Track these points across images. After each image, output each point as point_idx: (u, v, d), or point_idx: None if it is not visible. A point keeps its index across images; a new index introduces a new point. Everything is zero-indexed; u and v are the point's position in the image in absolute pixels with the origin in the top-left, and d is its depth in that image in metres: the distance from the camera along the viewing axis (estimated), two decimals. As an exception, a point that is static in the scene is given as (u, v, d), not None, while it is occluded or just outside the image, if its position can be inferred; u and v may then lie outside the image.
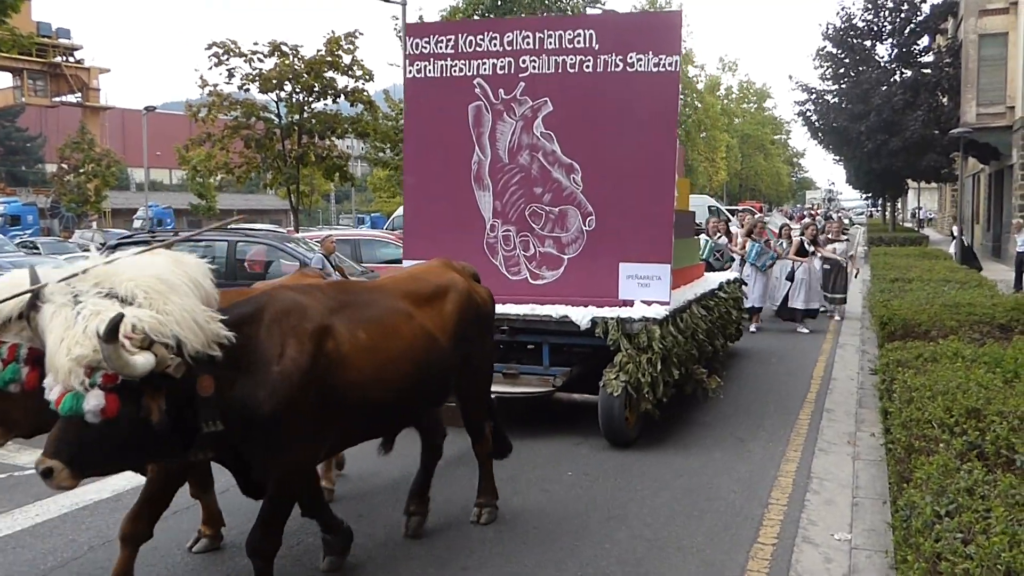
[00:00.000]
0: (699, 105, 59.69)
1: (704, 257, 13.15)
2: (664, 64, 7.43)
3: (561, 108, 7.71)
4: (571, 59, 7.65)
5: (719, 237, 14.63)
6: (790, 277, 14.21)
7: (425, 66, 8.09)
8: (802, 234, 14.93)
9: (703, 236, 14.16)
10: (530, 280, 7.89)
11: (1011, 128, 25.29)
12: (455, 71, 7.99)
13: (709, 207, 35.77)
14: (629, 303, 7.42)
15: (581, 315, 7.18)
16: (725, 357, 10.61)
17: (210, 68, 28.06)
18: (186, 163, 36.80)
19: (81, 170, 46.57)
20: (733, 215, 27.52)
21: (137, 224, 44.94)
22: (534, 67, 7.75)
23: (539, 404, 7.84)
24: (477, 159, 7.96)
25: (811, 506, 5.74)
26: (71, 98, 60.65)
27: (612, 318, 7.08)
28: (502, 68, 7.83)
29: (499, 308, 7.23)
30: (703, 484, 6.23)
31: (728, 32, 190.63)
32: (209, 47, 27.19)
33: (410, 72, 8.22)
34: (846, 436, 7.45)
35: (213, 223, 51.83)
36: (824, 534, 5.24)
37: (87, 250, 24.17)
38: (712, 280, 10.56)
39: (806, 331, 13.85)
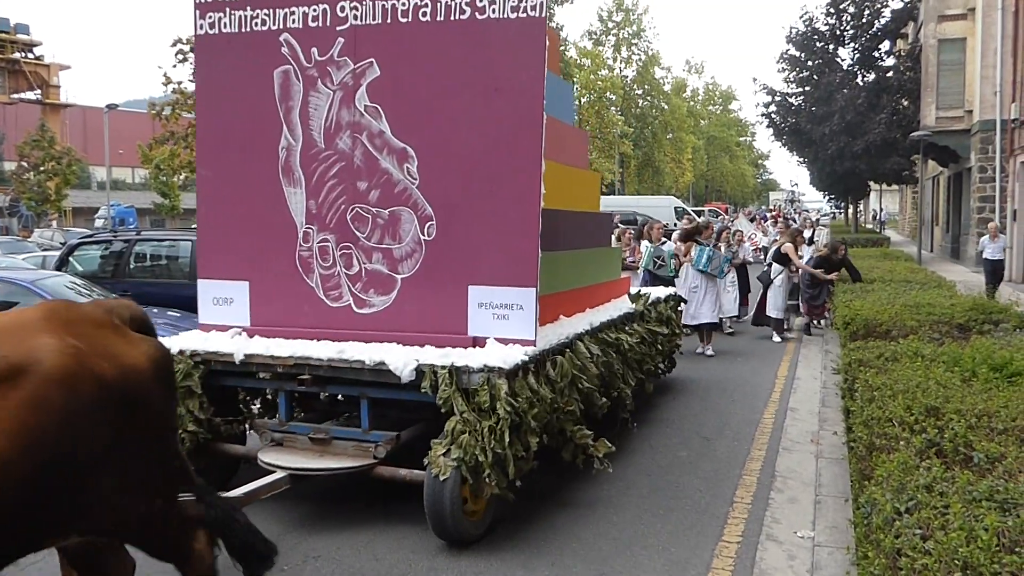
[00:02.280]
0: (665, 107, 60.17)
1: (644, 266, 12.05)
2: (525, 7, 5.51)
3: (391, 72, 5.85)
4: (402, 4, 5.81)
5: (663, 243, 12.58)
6: (795, 292, 13.10)
7: (220, 19, 6.22)
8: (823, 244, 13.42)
9: (645, 242, 12.67)
10: (355, 308, 5.98)
11: (969, 131, 25.77)
12: (256, 24, 6.14)
13: (676, 208, 36.09)
14: (481, 342, 5.58)
15: (403, 361, 5.24)
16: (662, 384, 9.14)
17: (174, 66, 27.74)
18: (149, 162, 36.25)
19: (41, 168, 45.76)
20: (699, 216, 27.68)
21: (99, 223, 44.29)
22: (356, 17, 5.91)
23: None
24: (286, 143, 6.09)
25: (775, 504, 5.81)
26: (30, 95, 59.58)
27: (443, 367, 5.14)
28: (315, 20, 5.99)
29: (299, 349, 5.59)
30: (669, 483, 6.27)
31: (694, 34, 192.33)
32: (173, 44, 26.94)
33: (201, 27, 6.30)
34: (809, 435, 7.55)
35: (177, 223, 51.35)
36: (788, 532, 5.31)
37: (47, 249, 23.80)
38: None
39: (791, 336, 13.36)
